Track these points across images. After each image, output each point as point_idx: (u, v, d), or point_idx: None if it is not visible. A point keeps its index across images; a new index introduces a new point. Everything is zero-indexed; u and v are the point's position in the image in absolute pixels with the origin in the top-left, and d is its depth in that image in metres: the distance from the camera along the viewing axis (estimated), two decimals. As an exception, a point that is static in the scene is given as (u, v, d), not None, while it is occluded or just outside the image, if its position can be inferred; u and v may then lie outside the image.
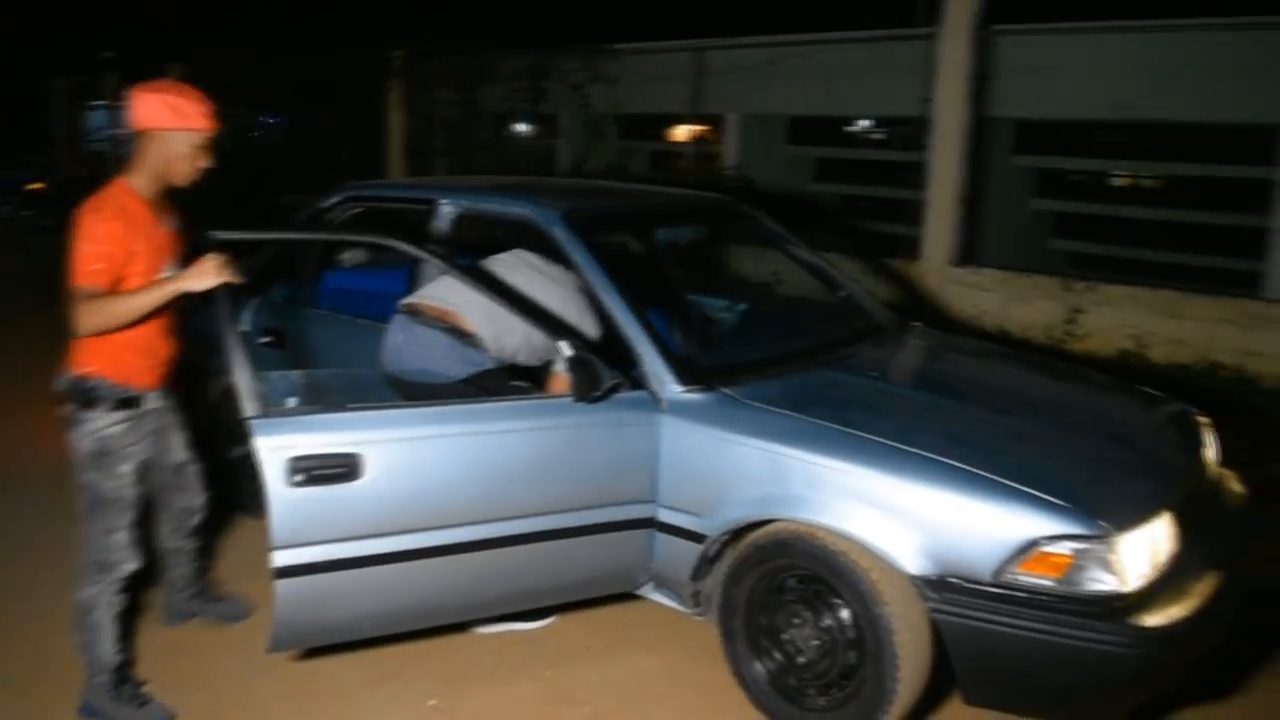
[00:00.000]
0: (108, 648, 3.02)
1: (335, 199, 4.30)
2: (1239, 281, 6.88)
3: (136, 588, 3.21)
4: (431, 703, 3.14)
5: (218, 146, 2.97)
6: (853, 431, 2.91)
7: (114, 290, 2.76)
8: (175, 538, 3.39)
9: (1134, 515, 2.70)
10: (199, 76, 16.36)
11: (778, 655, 3.02)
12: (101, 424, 2.90)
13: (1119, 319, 6.89)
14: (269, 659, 3.29)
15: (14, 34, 25.82)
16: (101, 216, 2.77)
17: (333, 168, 12.58)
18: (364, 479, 2.77)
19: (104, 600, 3.00)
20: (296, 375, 3.41)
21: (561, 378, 3.17)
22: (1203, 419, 3.50)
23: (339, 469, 2.74)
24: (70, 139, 21.65)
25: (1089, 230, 8.77)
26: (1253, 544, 3.18)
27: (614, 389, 2.98)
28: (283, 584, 2.74)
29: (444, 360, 3.29)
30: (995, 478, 2.72)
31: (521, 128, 11.53)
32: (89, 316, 2.72)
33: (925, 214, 7.71)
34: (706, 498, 3.05)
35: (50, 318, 8.52)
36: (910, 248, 7.92)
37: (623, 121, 10.44)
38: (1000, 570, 2.63)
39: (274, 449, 2.68)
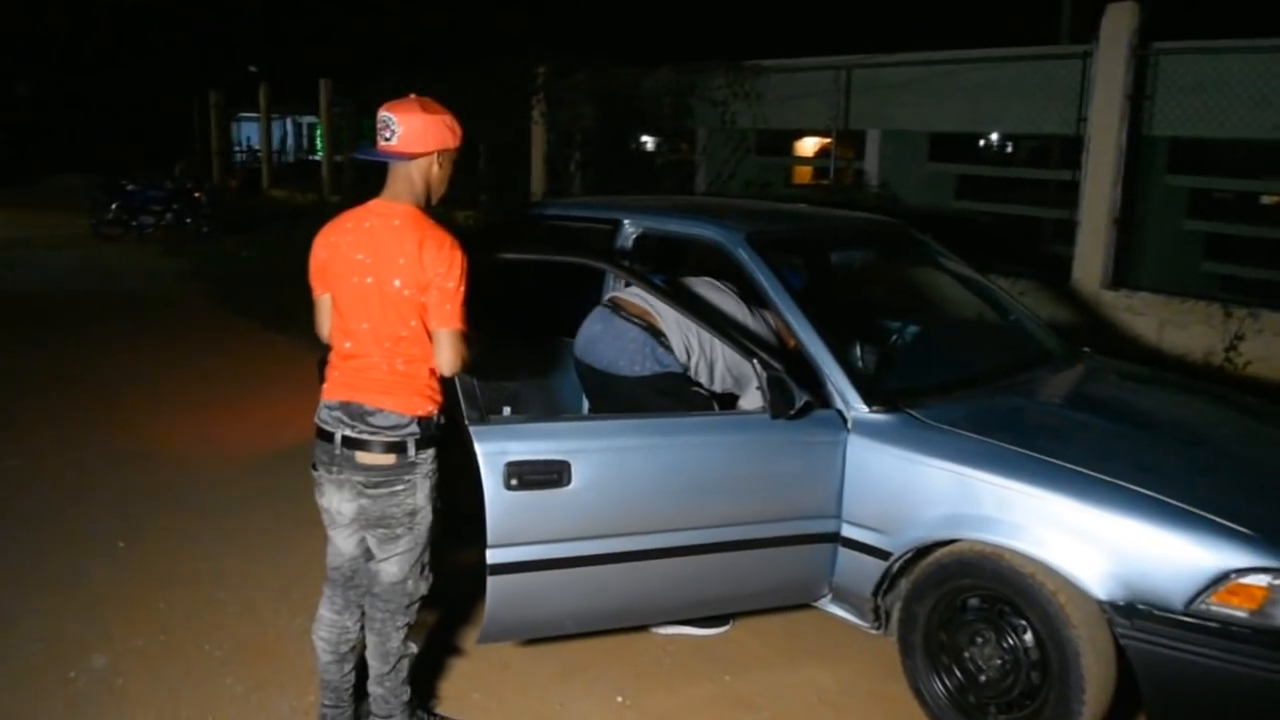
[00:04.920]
0: (407, 678, 2.98)
1: (515, 217, 4.54)
2: None
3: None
4: (620, 699, 3.31)
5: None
6: (1043, 457, 2.97)
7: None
8: None
9: (1331, 550, 2.71)
10: (346, 91, 17.19)
11: (957, 672, 3.09)
12: (433, 463, 2.82)
13: (1284, 347, 6.68)
14: (460, 654, 3.53)
15: (163, 47, 27.41)
16: (464, 252, 2.69)
17: (472, 179, 13.04)
18: (572, 485, 2.95)
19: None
20: (507, 385, 3.64)
21: None
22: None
23: (550, 475, 2.93)
24: (221, 150, 22.97)
25: (1244, 253, 8.49)
26: None
27: (807, 407, 3.11)
28: (495, 580, 2.94)
29: (634, 355, 3.49)
30: (1189, 508, 2.76)
31: (658, 144, 11.73)
32: (462, 359, 2.70)
33: (1077, 234, 7.60)
34: (891, 516, 3.16)
35: (222, 315, 9.34)
36: (1056, 268, 7.81)
37: (754, 137, 10.53)
38: (1193, 600, 2.67)
39: (491, 454, 2.89)
